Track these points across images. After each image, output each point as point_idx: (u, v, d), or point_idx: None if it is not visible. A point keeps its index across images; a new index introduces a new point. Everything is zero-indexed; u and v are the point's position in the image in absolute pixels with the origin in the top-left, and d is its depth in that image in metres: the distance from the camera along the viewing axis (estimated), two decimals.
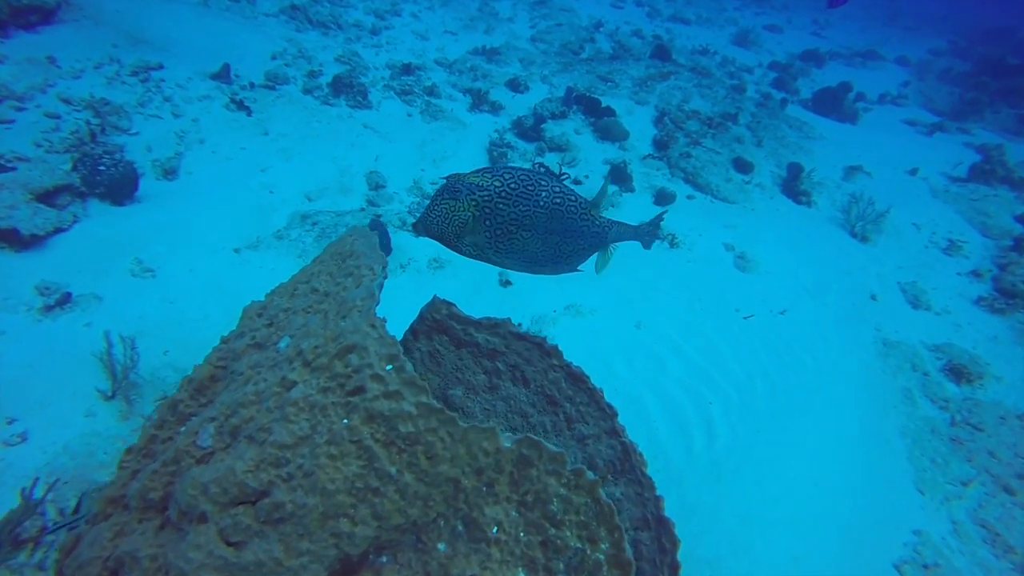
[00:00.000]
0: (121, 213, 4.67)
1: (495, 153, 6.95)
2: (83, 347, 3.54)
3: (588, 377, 1.65)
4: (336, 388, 1.24)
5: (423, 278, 5.27)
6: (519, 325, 4.84)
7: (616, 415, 1.62)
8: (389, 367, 1.23)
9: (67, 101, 5.57)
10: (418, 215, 5.78)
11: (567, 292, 5.35)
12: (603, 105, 8.04)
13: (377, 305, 1.37)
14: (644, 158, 7.65)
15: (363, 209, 5.74)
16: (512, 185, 1.93)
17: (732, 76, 11.34)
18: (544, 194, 1.96)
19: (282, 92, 6.92)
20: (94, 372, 3.47)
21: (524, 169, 2.02)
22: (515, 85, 8.58)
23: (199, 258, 4.62)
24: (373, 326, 1.29)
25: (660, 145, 7.91)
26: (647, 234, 2.41)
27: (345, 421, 1.20)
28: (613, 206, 6.51)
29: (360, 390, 1.22)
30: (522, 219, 1.93)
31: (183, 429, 1.34)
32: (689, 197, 7.17)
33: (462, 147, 7.17)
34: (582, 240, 2.14)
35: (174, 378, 3.62)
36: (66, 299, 3.83)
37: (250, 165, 5.85)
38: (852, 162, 8.83)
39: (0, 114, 5.18)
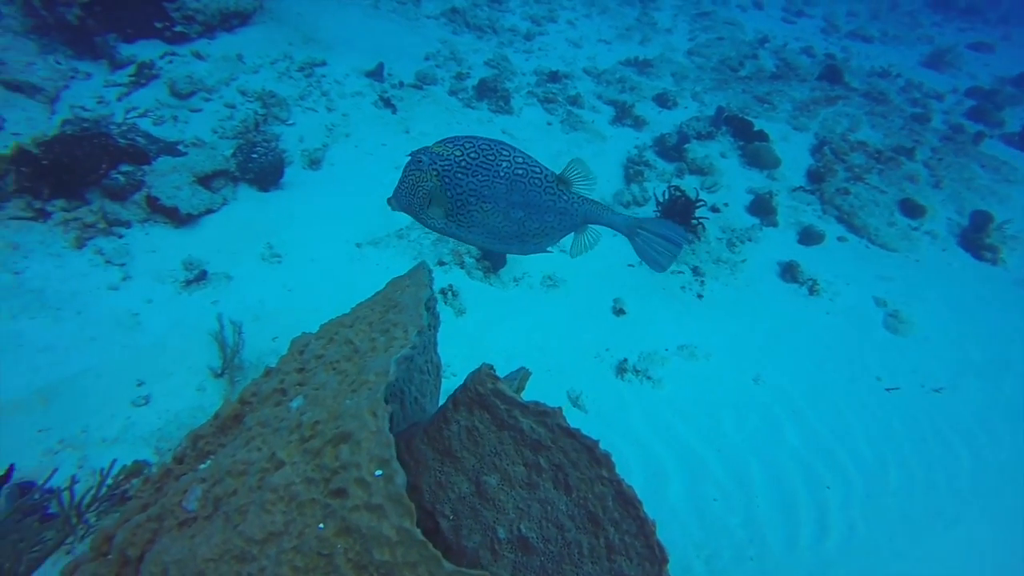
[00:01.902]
0: (264, 199, 4.96)
1: (631, 171, 6.53)
2: (206, 324, 3.76)
3: (641, 503, 1.31)
4: (321, 482, 1.05)
5: (535, 295, 5.04)
6: (625, 360, 4.46)
7: (667, 561, 1.27)
8: (379, 472, 1.01)
9: (243, 93, 6.07)
10: None
11: (684, 330, 4.85)
12: (755, 128, 7.24)
13: (391, 381, 1.15)
14: (794, 190, 6.78)
15: None
16: (472, 154, 1.84)
17: (915, 103, 9.76)
18: (504, 164, 1.86)
19: (428, 92, 7.04)
20: (211, 349, 3.67)
21: (487, 139, 1.91)
22: (663, 100, 8.03)
23: (323, 248, 4.77)
24: (374, 414, 1.07)
25: (815, 177, 6.97)
26: (635, 229, 2.05)
27: (320, 526, 1.01)
28: (750, 240, 5.82)
29: (342, 493, 1.01)
30: (481, 190, 1.85)
31: (178, 482, 1.23)
32: (840, 239, 6.23)
33: (597, 161, 6.83)
34: (548, 216, 1.96)
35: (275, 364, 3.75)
36: (202, 276, 4.11)
37: (387, 162, 5.99)
38: None
39: (192, 104, 5.76)
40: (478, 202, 1.87)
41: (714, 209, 6.12)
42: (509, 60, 8.23)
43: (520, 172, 1.89)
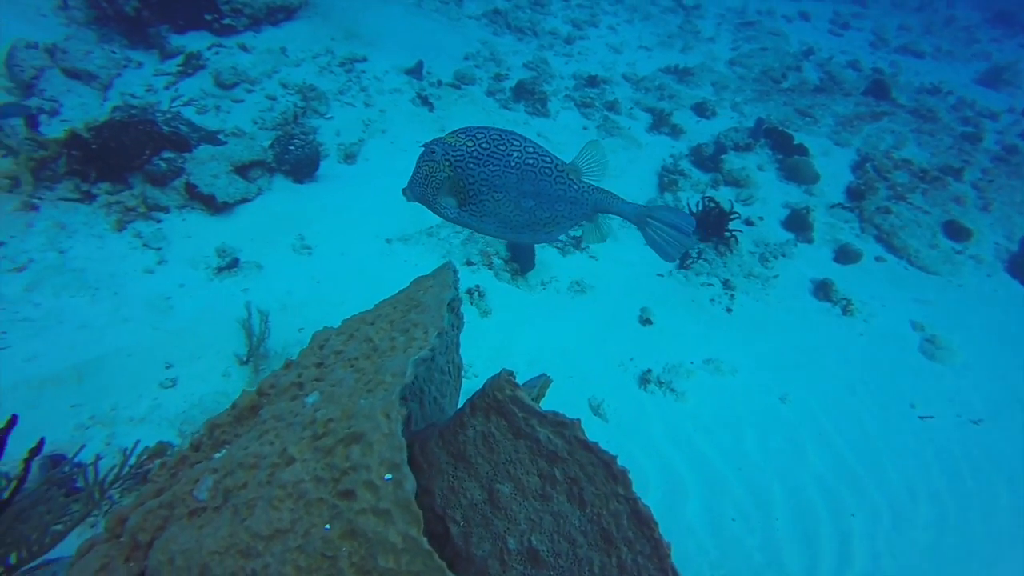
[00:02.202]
0: (299, 190, 5.03)
1: (665, 179, 6.43)
2: (235, 311, 3.81)
3: (656, 524, 1.26)
4: (330, 482, 1.03)
5: (561, 300, 4.99)
6: (649, 371, 4.38)
7: None
8: (388, 476, 0.98)
9: (284, 85, 6.17)
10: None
11: (711, 343, 4.74)
12: (795, 142, 7.06)
13: (407, 383, 1.13)
14: (832, 207, 6.58)
15: None
16: (484, 145, 1.86)
17: (966, 122, 9.36)
18: (515, 154, 1.88)
19: (466, 92, 7.05)
20: (238, 336, 3.72)
21: (498, 129, 1.91)
22: (701, 109, 7.89)
23: (353, 242, 4.80)
24: (388, 416, 1.05)
25: (854, 194, 6.75)
26: (644, 218, 2.07)
27: (327, 527, 0.99)
28: (784, 255, 5.67)
29: (350, 495, 0.99)
30: (492, 179, 1.87)
31: (192, 470, 1.23)
32: (878, 259, 6.02)
33: (632, 168, 6.76)
34: (558, 205, 1.99)
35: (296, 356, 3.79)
36: (234, 263, 4.18)
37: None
38: None
39: (235, 95, 5.88)
40: (489, 192, 1.89)
41: (748, 222, 5.98)
42: (548, 63, 8.19)
43: (531, 162, 1.90)
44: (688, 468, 3.80)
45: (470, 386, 4.46)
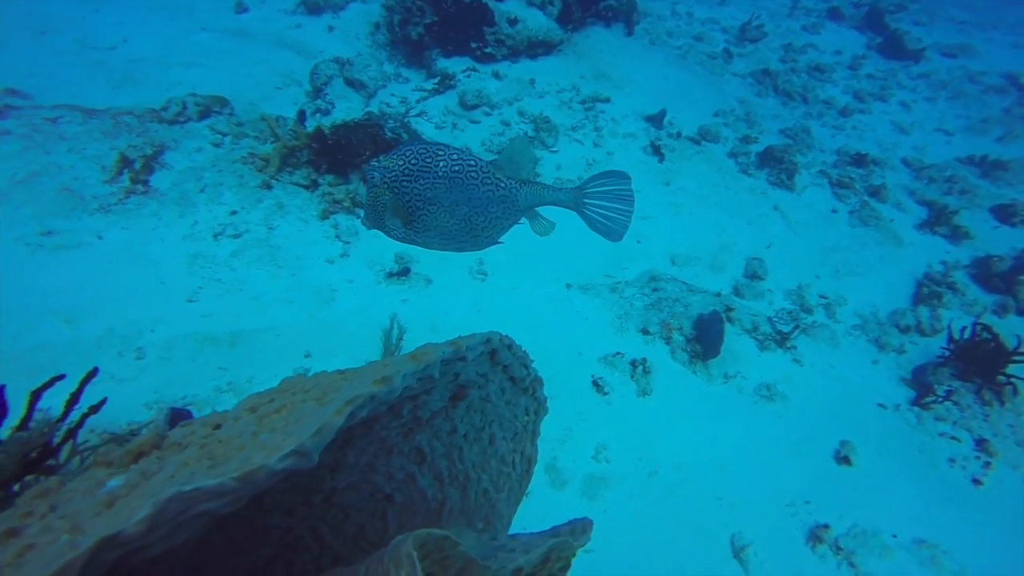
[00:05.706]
0: None
1: (926, 290, 4.85)
2: (384, 319, 3.68)
3: None
4: None
5: (742, 401, 3.98)
6: (825, 527, 3.09)
7: None
8: None
9: (521, 114, 6.16)
10: (779, 324, 4.39)
11: (931, 520, 3.37)
12: None
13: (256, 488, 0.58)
14: None
15: (719, 295, 4.66)
16: (412, 161, 1.84)
17: None
18: (442, 163, 1.85)
19: (704, 148, 6.27)
20: (377, 344, 3.57)
21: (425, 142, 1.88)
22: (1007, 213, 5.84)
23: (529, 278, 4.42)
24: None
25: None
26: (581, 200, 1.96)
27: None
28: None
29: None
30: (424, 193, 1.86)
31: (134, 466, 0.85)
32: None
33: (881, 267, 5.25)
34: (491, 207, 1.93)
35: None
36: (404, 272, 4.09)
37: (635, 209, 5.43)
38: None
39: (473, 116, 6.06)
40: (425, 205, 1.86)
41: None
42: (811, 133, 6.93)
43: (457, 168, 1.86)
44: None
45: (601, 471, 3.62)
